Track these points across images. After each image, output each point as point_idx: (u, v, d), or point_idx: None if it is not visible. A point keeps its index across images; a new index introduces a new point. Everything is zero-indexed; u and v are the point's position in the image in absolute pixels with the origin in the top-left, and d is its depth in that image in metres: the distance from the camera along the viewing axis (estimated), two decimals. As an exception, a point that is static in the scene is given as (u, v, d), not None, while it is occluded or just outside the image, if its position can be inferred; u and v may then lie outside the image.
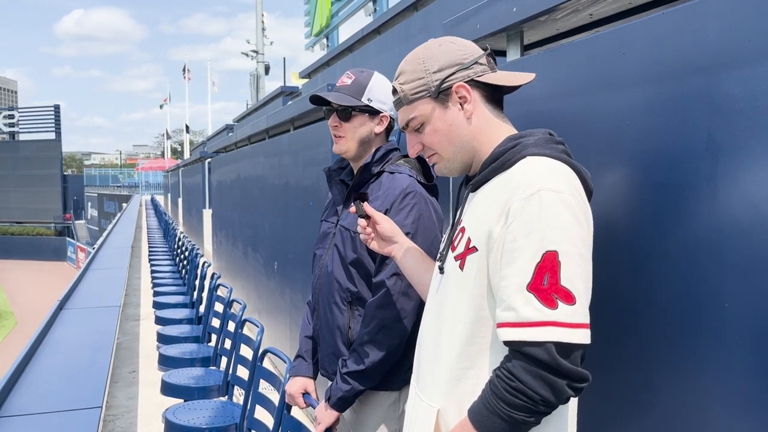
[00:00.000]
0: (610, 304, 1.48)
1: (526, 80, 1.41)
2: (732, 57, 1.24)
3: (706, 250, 1.29)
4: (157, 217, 19.85)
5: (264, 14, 25.20)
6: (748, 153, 1.21)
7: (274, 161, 5.58)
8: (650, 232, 1.43)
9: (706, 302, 1.29)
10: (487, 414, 1.18)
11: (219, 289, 4.51)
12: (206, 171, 14.09)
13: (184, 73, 40.13)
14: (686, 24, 1.35)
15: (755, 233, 1.19)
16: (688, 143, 1.34)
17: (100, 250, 11.82)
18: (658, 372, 1.41)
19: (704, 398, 1.30)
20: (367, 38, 8.43)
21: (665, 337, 1.39)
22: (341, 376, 1.92)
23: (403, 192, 1.88)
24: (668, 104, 1.39)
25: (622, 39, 1.54)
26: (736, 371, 1.24)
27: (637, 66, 1.48)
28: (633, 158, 1.49)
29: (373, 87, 2.01)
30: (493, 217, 1.24)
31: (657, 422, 1.41)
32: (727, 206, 1.25)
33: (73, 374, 4.17)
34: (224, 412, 2.99)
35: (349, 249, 1.97)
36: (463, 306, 1.30)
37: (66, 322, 5.58)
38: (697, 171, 1.31)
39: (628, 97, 1.51)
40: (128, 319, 7.45)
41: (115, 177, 57.76)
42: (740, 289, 1.23)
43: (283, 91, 13.40)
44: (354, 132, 2.00)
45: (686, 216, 1.34)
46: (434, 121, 1.40)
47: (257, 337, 3.02)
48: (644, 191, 1.46)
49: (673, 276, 1.37)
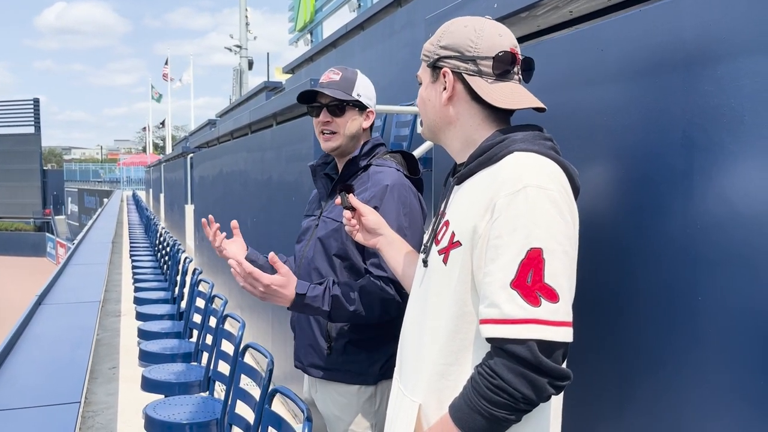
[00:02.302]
0: (590, 298, 1.50)
1: (509, 105, 1.33)
2: (707, 54, 1.26)
3: (681, 244, 1.31)
4: (138, 212, 19.67)
5: (248, 9, 25.06)
6: (722, 149, 1.23)
7: (257, 156, 5.55)
8: (628, 227, 1.45)
9: (681, 296, 1.31)
10: (467, 411, 1.19)
11: (200, 285, 4.48)
12: (188, 166, 13.98)
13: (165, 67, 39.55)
14: (663, 22, 1.37)
15: (729, 228, 1.22)
16: (664, 139, 1.36)
17: (80, 245, 11.70)
18: (637, 366, 1.43)
19: (681, 391, 1.32)
20: (351, 34, 8.41)
21: (643, 331, 1.41)
22: (327, 292, 1.85)
23: (392, 185, 1.91)
24: (645, 101, 1.40)
25: (600, 36, 1.55)
26: (710, 363, 1.26)
27: (616, 63, 1.49)
28: (611, 154, 1.51)
29: (360, 83, 2.04)
30: (478, 212, 1.24)
31: (636, 415, 1.44)
32: (702, 202, 1.27)
33: (51, 370, 4.12)
34: (205, 407, 2.97)
35: (334, 240, 1.97)
36: (446, 301, 1.30)
37: (44, 318, 5.52)
38: (673, 167, 1.33)
39: (606, 93, 1.53)
40: (108, 315, 7.37)
41: (95, 172, 57.05)
42: (714, 283, 1.25)
43: (267, 86, 13.33)
44: (346, 127, 2.01)
45: (663, 211, 1.36)
46: (423, 87, 1.44)
47: (238, 333, 3.01)
48: (622, 187, 1.48)
49: (651, 270, 1.39)
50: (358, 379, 1.96)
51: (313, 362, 2.03)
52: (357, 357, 1.96)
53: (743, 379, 1.19)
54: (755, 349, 1.17)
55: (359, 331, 1.96)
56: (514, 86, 1.35)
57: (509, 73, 1.35)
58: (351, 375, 1.97)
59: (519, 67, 1.37)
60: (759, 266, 1.16)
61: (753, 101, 1.18)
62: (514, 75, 1.36)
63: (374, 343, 1.96)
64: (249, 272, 1.74)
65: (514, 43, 1.37)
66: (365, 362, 1.96)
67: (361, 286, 1.87)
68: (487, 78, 1.34)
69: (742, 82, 1.20)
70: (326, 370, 2.00)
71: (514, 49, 1.35)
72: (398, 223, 1.85)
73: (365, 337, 1.96)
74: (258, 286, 1.76)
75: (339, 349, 1.97)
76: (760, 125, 1.16)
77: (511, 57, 1.34)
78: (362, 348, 1.97)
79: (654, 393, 1.38)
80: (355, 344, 1.97)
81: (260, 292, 1.78)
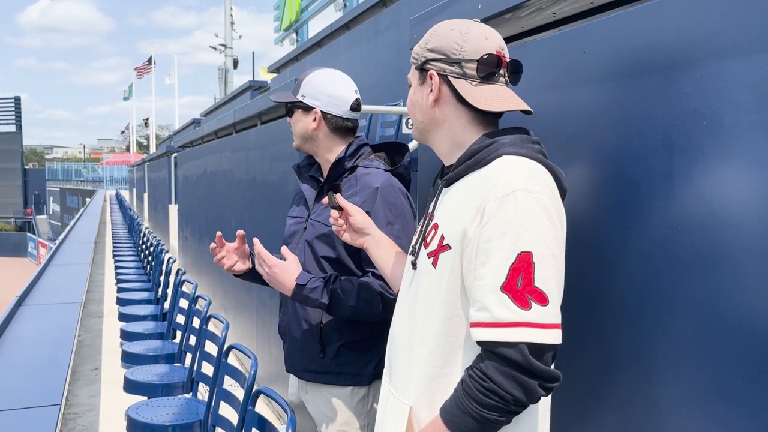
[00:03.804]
0: (571, 298, 1.51)
1: (493, 108, 1.33)
2: (687, 57, 1.28)
3: (661, 244, 1.33)
4: (121, 212, 19.50)
5: (233, 8, 24.94)
6: (702, 151, 1.24)
7: (241, 156, 5.53)
8: (609, 227, 1.46)
9: (661, 296, 1.33)
10: (459, 413, 1.19)
11: (184, 285, 4.45)
12: (172, 166, 13.89)
13: (150, 65, 39.10)
14: (644, 24, 1.38)
15: (708, 229, 1.23)
16: (645, 141, 1.37)
17: (61, 245, 11.57)
18: (617, 364, 1.44)
19: (660, 389, 1.34)
20: (336, 33, 8.40)
21: (623, 330, 1.42)
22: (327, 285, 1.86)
23: (383, 186, 1.91)
24: (627, 102, 1.42)
25: (583, 38, 1.56)
26: (688, 362, 1.27)
27: (598, 64, 1.51)
28: (593, 155, 1.52)
29: (309, 82, 2.02)
30: (467, 215, 1.25)
31: (614, 412, 1.45)
32: (682, 203, 1.28)
33: (31, 371, 4.08)
34: (188, 408, 2.95)
35: (325, 243, 1.96)
36: (436, 304, 1.31)
37: (25, 319, 5.45)
38: (654, 168, 1.34)
39: (589, 94, 1.54)
40: (91, 316, 7.30)
41: (78, 171, 56.42)
42: (693, 283, 1.26)
43: (252, 85, 13.28)
44: (295, 127, 2.08)
45: (643, 212, 1.37)
46: (412, 89, 1.46)
47: (222, 333, 3.00)
48: (604, 187, 1.49)
49: (631, 270, 1.40)
50: (352, 380, 1.96)
51: (306, 367, 2.01)
52: (350, 359, 1.96)
53: (721, 377, 1.21)
54: (733, 347, 1.18)
55: (352, 333, 1.95)
56: (498, 89, 1.35)
57: (494, 76, 1.35)
58: (345, 377, 1.96)
59: (506, 70, 1.37)
60: (737, 266, 1.18)
61: (732, 103, 1.19)
62: (499, 77, 1.36)
63: (367, 344, 1.95)
64: (258, 252, 1.88)
65: (501, 45, 1.37)
66: (359, 364, 1.95)
67: (361, 283, 1.86)
68: (472, 80, 1.34)
69: (721, 84, 1.21)
70: (320, 374, 1.99)
71: (501, 52, 1.36)
72: (387, 222, 1.86)
73: (358, 339, 1.95)
74: (264, 267, 1.89)
75: (332, 352, 1.96)
76: (739, 127, 1.18)
77: (497, 60, 1.34)
78: (355, 350, 1.96)
79: (633, 391, 1.39)
80: (348, 347, 1.96)
81: (266, 274, 1.90)
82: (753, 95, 1.16)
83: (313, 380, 2.01)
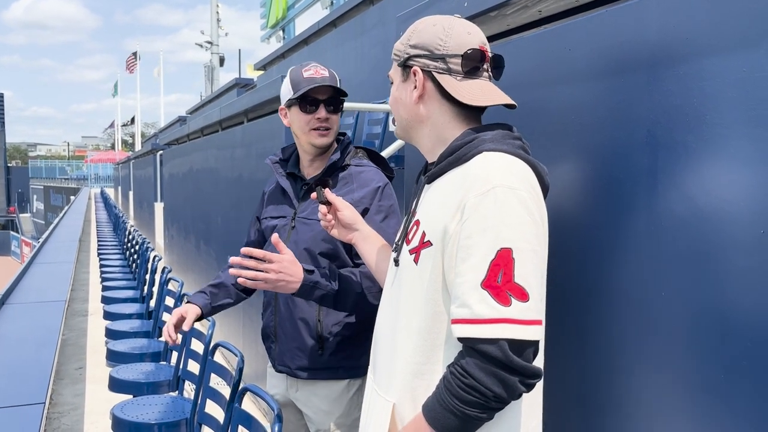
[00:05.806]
0: (555, 294, 1.52)
1: (478, 102, 1.33)
2: (670, 55, 1.29)
3: (645, 241, 1.34)
4: (106, 210, 19.32)
5: (219, 5, 24.80)
6: (685, 148, 1.26)
7: (227, 153, 5.50)
8: (593, 224, 1.47)
9: (646, 292, 1.34)
10: (440, 410, 1.20)
11: (170, 284, 4.42)
12: (158, 163, 13.79)
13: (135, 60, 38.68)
14: (628, 22, 1.39)
15: (691, 225, 1.24)
16: (630, 138, 1.38)
17: (45, 243, 11.46)
18: (600, 360, 1.46)
19: (643, 384, 1.35)
20: (323, 31, 8.38)
21: (607, 327, 1.44)
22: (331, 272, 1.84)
23: (381, 185, 1.95)
24: (612, 99, 1.43)
25: (568, 36, 1.57)
26: (672, 358, 1.29)
27: (583, 62, 1.52)
28: (578, 152, 1.53)
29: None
30: (448, 212, 1.25)
31: (598, 409, 1.46)
32: (666, 199, 1.30)
33: (15, 370, 4.03)
34: (174, 407, 2.94)
35: (323, 240, 1.94)
36: (418, 300, 1.31)
37: (8, 318, 5.40)
38: (638, 165, 1.35)
39: (574, 91, 1.55)
40: (75, 315, 7.23)
41: (62, 169, 55.83)
42: (676, 279, 1.27)
43: (238, 82, 13.22)
44: (337, 123, 2.02)
45: (628, 208, 1.38)
46: (395, 86, 1.45)
47: (208, 331, 2.98)
48: (588, 184, 1.50)
49: (616, 266, 1.41)
50: (349, 373, 1.97)
51: (301, 365, 2.00)
52: (348, 353, 1.96)
53: (705, 373, 1.22)
54: (716, 343, 1.20)
55: (350, 328, 1.96)
56: (483, 83, 1.36)
57: (478, 71, 1.35)
58: (342, 371, 1.97)
59: (489, 65, 1.38)
60: (720, 262, 1.19)
61: (714, 101, 1.20)
62: (483, 72, 1.36)
63: (363, 337, 1.94)
64: (262, 256, 1.70)
65: (483, 41, 1.38)
66: (355, 356, 1.95)
67: (363, 272, 1.86)
68: (456, 75, 1.34)
69: (704, 82, 1.22)
70: (317, 371, 1.98)
71: (484, 47, 1.36)
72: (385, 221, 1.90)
73: (355, 333, 1.96)
74: (270, 267, 1.71)
75: (331, 347, 1.96)
76: (721, 124, 1.19)
77: (480, 54, 1.34)
78: (352, 344, 1.96)
79: (617, 387, 1.40)
80: (346, 341, 1.96)
81: (274, 273, 1.71)
82: (735, 93, 1.17)
83: (310, 377, 2.00)
